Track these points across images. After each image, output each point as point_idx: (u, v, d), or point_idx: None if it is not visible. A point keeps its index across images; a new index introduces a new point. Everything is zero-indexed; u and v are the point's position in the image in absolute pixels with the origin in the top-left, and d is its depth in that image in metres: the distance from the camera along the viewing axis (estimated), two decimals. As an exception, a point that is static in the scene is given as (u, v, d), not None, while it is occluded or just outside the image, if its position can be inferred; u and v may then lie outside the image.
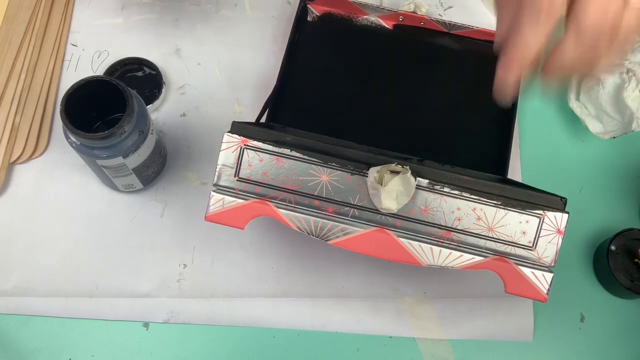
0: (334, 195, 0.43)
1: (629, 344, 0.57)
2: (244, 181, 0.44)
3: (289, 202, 0.43)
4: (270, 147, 0.44)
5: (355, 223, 0.43)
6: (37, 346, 0.54)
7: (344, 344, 0.55)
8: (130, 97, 0.49)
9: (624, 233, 0.56)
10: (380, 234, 0.43)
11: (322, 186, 0.43)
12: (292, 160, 0.44)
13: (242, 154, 0.44)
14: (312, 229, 0.43)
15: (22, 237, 0.57)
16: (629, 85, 0.57)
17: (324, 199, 0.43)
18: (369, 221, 0.43)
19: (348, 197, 0.43)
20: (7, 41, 0.63)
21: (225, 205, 0.44)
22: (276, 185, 0.44)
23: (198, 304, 0.55)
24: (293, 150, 0.44)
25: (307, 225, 0.43)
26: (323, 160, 0.43)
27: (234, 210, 0.44)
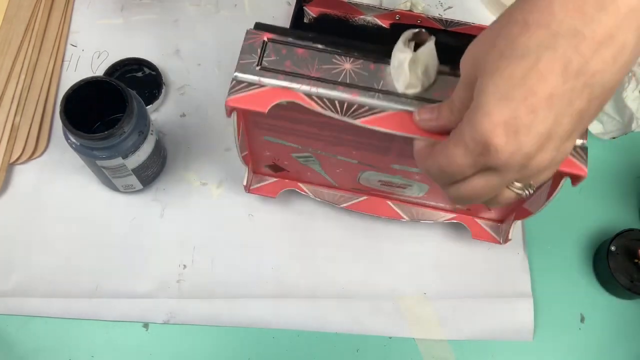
0: (357, 81, 0.43)
1: (629, 344, 0.57)
2: (267, 69, 0.44)
3: (313, 86, 0.43)
4: (293, 39, 0.44)
5: (382, 105, 0.43)
6: (37, 346, 0.54)
7: (343, 344, 0.55)
8: (130, 97, 0.49)
9: (624, 233, 0.56)
10: (407, 116, 0.42)
11: (346, 73, 0.43)
12: (315, 52, 0.44)
13: (265, 46, 0.44)
14: (338, 108, 0.43)
15: (22, 237, 0.57)
16: (629, 86, 0.57)
17: (347, 84, 0.43)
18: (394, 103, 0.43)
19: (372, 83, 0.43)
20: (7, 41, 0.63)
21: (248, 90, 0.43)
22: (300, 73, 0.43)
23: (198, 305, 0.55)
24: (316, 42, 0.44)
25: (331, 105, 0.43)
26: (345, 51, 0.44)
27: (257, 95, 0.43)
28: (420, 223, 0.59)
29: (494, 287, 0.57)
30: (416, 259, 0.58)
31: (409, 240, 0.59)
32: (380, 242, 0.59)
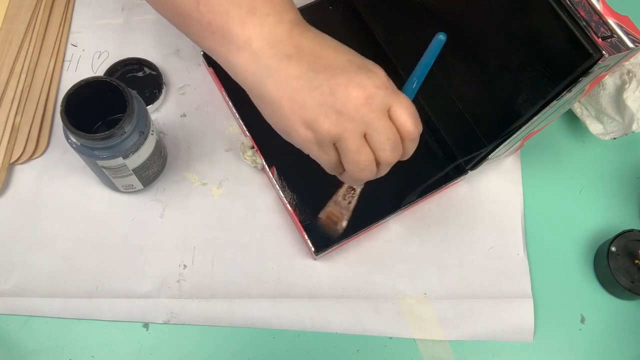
0: None
1: (629, 345, 0.57)
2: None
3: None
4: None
5: None
6: (37, 346, 0.54)
7: (344, 344, 0.55)
8: (130, 97, 0.49)
9: (624, 234, 0.56)
10: None
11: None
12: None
13: None
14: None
15: (22, 237, 0.57)
16: (630, 86, 0.57)
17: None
18: None
19: None
20: (7, 41, 0.63)
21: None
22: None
23: (198, 305, 0.55)
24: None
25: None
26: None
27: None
28: (420, 223, 0.59)
29: (494, 288, 0.57)
30: (416, 259, 0.58)
31: (409, 240, 0.59)
32: (380, 242, 0.59)
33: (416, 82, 0.48)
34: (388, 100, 0.42)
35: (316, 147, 0.44)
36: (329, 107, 0.41)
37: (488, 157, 0.55)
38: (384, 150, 0.43)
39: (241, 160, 0.60)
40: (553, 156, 0.64)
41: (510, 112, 0.51)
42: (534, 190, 0.62)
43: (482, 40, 0.52)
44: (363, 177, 0.45)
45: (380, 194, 0.59)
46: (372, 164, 0.44)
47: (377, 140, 0.43)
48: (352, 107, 0.41)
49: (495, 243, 0.59)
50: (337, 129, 0.42)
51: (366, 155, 0.43)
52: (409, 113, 0.43)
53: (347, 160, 0.44)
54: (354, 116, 0.42)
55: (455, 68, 0.56)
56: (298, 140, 0.44)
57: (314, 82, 0.42)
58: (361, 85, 0.42)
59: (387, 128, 0.43)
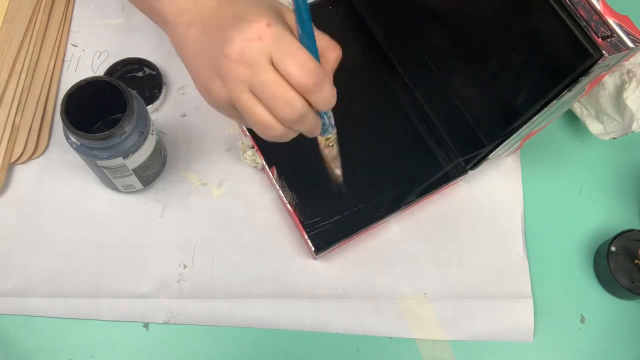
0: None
1: (629, 345, 0.57)
2: None
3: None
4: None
5: None
6: (37, 346, 0.54)
7: (344, 344, 0.55)
8: (130, 97, 0.49)
9: (624, 234, 0.56)
10: None
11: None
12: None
13: None
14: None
15: (22, 237, 0.57)
16: (629, 86, 0.57)
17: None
18: None
19: None
20: (7, 41, 0.63)
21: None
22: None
23: (198, 305, 0.55)
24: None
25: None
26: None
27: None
28: (420, 223, 0.59)
29: (494, 288, 0.57)
30: (416, 259, 0.58)
31: (409, 240, 0.59)
32: (380, 242, 0.59)
33: (299, 27, 0.40)
34: (265, 50, 0.39)
35: (223, 111, 0.44)
36: (212, 71, 0.41)
37: (488, 157, 0.55)
38: (274, 107, 0.40)
39: (241, 160, 0.60)
40: (553, 156, 0.64)
41: (510, 112, 0.51)
42: (534, 190, 0.62)
43: (482, 40, 0.52)
44: (272, 138, 0.42)
45: (380, 194, 0.59)
46: (271, 121, 0.40)
47: (263, 97, 0.40)
48: (226, 68, 0.40)
49: (495, 243, 0.59)
50: (223, 92, 0.41)
51: (260, 114, 0.40)
52: (293, 60, 0.38)
53: (247, 122, 0.42)
54: (230, 76, 0.40)
55: (455, 68, 0.56)
56: (209, 104, 0.44)
57: (204, 45, 0.42)
58: (231, 41, 0.39)
59: (269, 82, 0.39)
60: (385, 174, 0.60)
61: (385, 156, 0.61)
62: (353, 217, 0.57)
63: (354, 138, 0.62)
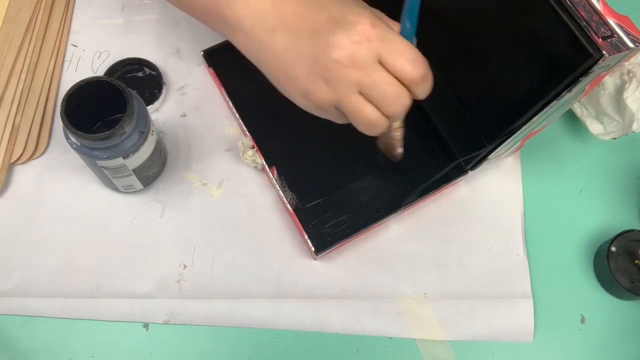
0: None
1: (629, 345, 0.57)
2: None
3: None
4: None
5: None
6: (37, 346, 0.54)
7: (344, 344, 0.55)
8: (130, 97, 0.49)
9: (624, 234, 0.56)
10: None
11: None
12: None
13: None
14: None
15: (22, 237, 0.57)
16: (630, 86, 0.57)
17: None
18: None
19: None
20: (7, 41, 0.63)
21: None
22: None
23: (198, 305, 0.55)
24: None
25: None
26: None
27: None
28: (420, 223, 0.59)
29: (494, 288, 0.57)
30: (416, 259, 0.58)
31: (409, 240, 0.59)
32: (380, 242, 0.59)
33: (408, 22, 0.45)
34: (374, 51, 0.41)
35: (322, 112, 0.45)
36: (316, 76, 0.41)
37: (488, 157, 0.55)
38: (384, 104, 0.42)
39: (241, 160, 0.60)
40: (553, 156, 0.64)
41: (510, 112, 0.51)
42: (534, 190, 0.62)
43: (482, 40, 0.52)
44: (374, 132, 0.45)
45: (380, 194, 0.59)
46: (379, 118, 0.43)
47: (373, 96, 0.42)
48: (335, 72, 0.41)
49: (495, 243, 0.59)
50: (329, 95, 0.42)
51: (368, 113, 0.43)
52: (404, 58, 0.41)
53: (353, 121, 0.44)
54: (340, 80, 0.41)
55: (456, 68, 0.56)
56: (304, 107, 0.44)
57: (298, 51, 0.42)
58: (339, 46, 0.40)
59: (379, 82, 0.41)
60: (385, 174, 0.60)
61: (385, 156, 0.61)
62: (353, 217, 0.57)
63: (354, 138, 0.62)
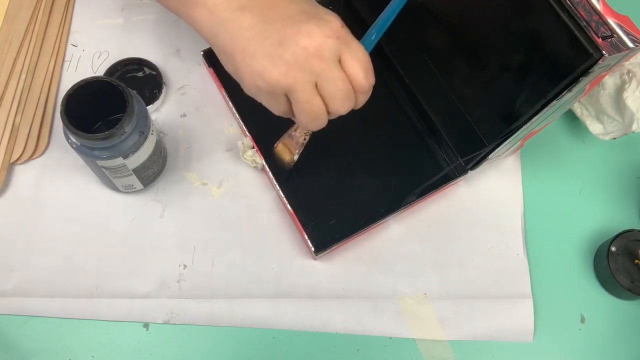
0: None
1: (629, 345, 0.57)
2: None
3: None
4: None
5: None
6: (37, 346, 0.54)
7: (344, 344, 0.55)
8: (130, 97, 0.49)
9: (624, 234, 0.56)
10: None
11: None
12: None
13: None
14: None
15: (22, 237, 0.57)
16: (630, 86, 0.57)
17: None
18: None
19: None
20: (7, 41, 0.63)
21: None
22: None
23: (198, 305, 0.55)
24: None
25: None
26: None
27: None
28: (420, 223, 0.59)
29: (494, 288, 0.57)
30: (416, 259, 0.58)
31: (409, 240, 0.59)
32: (380, 242, 0.59)
33: (375, 35, 0.48)
34: (339, 49, 0.43)
35: (267, 97, 0.45)
36: (278, 58, 0.42)
37: (488, 157, 0.56)
38: (334, 101, 0.44)
39: (241, 160, 0.60)
40: (553, 156, 0.64)
41: (510, 112, 0.51)
42: (534, 190, 0.62)
43: (482, 40, 0.52)
44: (314, 127, 0.46)
45: (380, 194, 0.59)
46: (324, 114, 0.45)
47: (327, 91, 0.43)
48: (301, 58, 0.42)
49: (495, 243, 0.59)
50: (286, 79, 0.42)
51: (317, 106, 0.44)
52: (361, 64, 0.43)
53: (298, 111, 0.44)
54: (303, 66, 0.42)
55: (455, 68, 0.56)
56: (250, 89, 0.45)
57: (264, 32, 0.42)
58: (310, 35, 0.42)
59: (337, 78, 0.43)
60: (386, 174, 0.60)
61: (385, 156, 0.61)
62: (353, 217, 0.57)
63: (354, 138, 0.62)
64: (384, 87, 0.64)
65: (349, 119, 0.61)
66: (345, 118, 0.55)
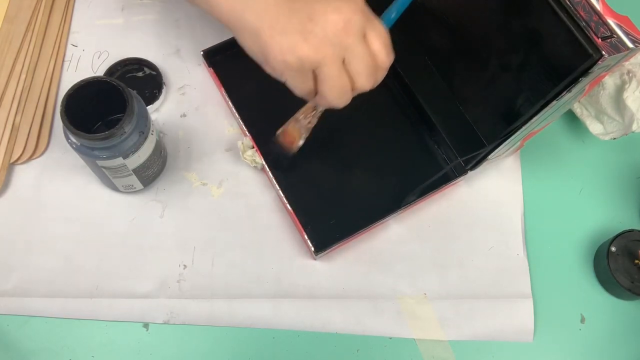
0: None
1: (629, 345, 0.57)
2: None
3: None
4: None
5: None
6: (37, 346, 0.54)
7: (344, 344, 0.55)
8: (130, 97, 0.49)
9: (624, 234, 0.56)
10: None
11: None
12: None
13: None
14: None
15: (22, 237, 0.57)
16: (629, 86, 0.57)
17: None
18: None
19: None
20: (7, 41, 0.63)
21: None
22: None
23: (198, 305, 0.55)
24: None
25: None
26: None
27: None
28: (420, 223, 0.59)
29: (494, 288, 0.57)
30: (416, 259, 0.58)
31: (409, 240, 0.59)
32: (380, 242, 0.59)
33: (395, 13, 0.49)
34: (365, 25, 0.43)
35: (294, 74, 0.45)
36: (308, 33, 0.42)
37: (488, 157, 0.56)
38: (361, 75, 0.45)
39: (241, 160, 0.60)
40: (553, 156, 0.64)
41: (510, 112, 0.51)
42: (534, 190, 0.62)
43: (482, 40, 0.52)
44: (339, 103, 0.47)
45: (380, 194, 0.59)
46: (349, 90, 0.46)
47: (354, 66, 0.44)
48: (331, 32, 0.42)
49: (495, 243, 0.59)
50: (317, 54, 0.43)
51: (345, 81, 0.45)
52: (383, 41, 0.44)
53: (326, 87, 0.45)
54: (333, 41, 0.42)
55: (455, 68, 0.56)
56: (277, 66, 0.44)
57: (292, 8, 0.43)
58: (339, 10, 0.42)
59: (365, 54, 0.44)
60: (385, 174, 0.60)
61: (385, 156, 0.61)
62: (353, 217, 0.57)
63: (354, 138, 0.62)
64: (384, 87, 0.64)
65: (349, 119, 0.61)
66: (345, 118, 0.55)
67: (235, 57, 0.62)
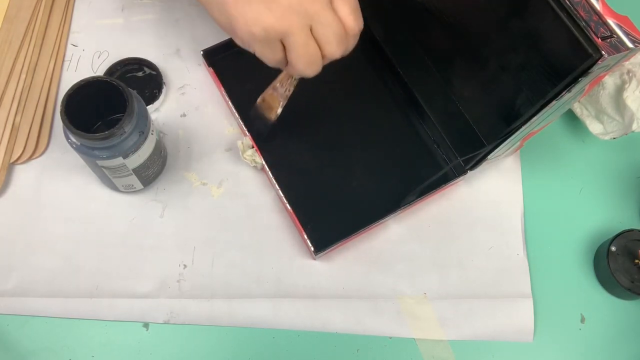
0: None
1: (629, 345, 0.57)
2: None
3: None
4: None
5: None
6: (37, 346, 0.54)
7: (344, 344, 0.55)
8: (130, 97, 0.49)
9: (624, 234, 0.56)
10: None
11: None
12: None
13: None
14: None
15: (22, 237, 0.57)
16: (629, 86, 0.57)
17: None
18: None
19: None
20: (7, 41, 0.63)
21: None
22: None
23: (198, 305, 0.55)
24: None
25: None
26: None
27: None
28: (420, 223, 0.59)
29: (494, 288, 0.57)
30: (416, 259, 0.58)
31: (409, 240, 0.59)
32: (380, 242, 0.59)
33: None
34: None
35: (262, 45, 0.44)
36: (272, 2, 0.42)
37: (488, 157, 0.56)
38: (330, 43, 0.44)
39: (241, 160, 0.60)
40: (553, 156, 0.64)
41: (510, 112, 0.51)
42: (533, 190, 0.62)
43: (482, 40, 0.52)
44: (309, 72, 0.46)
45: (380, 194, 0.59)
46: (319, 58, 0.45)
47: (322, 34, 0.44)
48: (295, 2, 0.42)
49: (495, 243, 0.59)
50: (282, 23, 0.42)
51: (313, 49, 0.44)
52: (350, 7, 0.44)
53: (294, 56, 0.44)
54: (298, 9, 0.42)
55: (455, 68, 0.56)
56: (244, 37, 0.44)
57: None
58: None
59: (332, 21, 0.44)
60: (385, 174, 0.60)
61: (384, 156, 0.61)
62: (353, 217, 0.57)
63: (354, 138, 0.62)
64: (384, 87, 0.64)
65: (349, 119, 0.61)
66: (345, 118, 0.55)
67: (235, 57, 0.62)
